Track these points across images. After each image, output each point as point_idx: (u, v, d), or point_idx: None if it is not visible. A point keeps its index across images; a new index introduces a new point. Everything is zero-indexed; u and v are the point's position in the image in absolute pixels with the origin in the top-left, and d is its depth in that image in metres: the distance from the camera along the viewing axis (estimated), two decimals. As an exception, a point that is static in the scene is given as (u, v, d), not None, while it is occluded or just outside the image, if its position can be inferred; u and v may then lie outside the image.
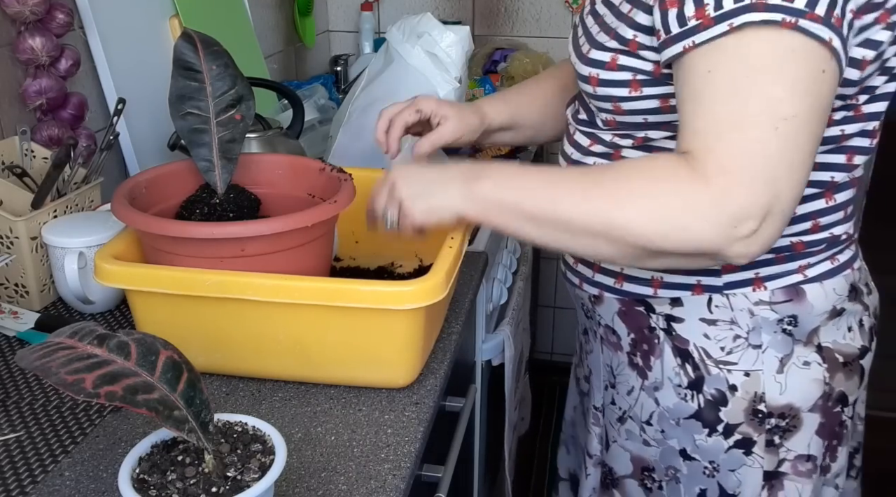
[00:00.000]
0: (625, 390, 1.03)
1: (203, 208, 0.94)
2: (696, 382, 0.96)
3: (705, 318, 0.94)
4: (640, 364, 1.00)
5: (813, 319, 0.94)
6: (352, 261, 1.15)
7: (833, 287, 0.94)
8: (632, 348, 1.00)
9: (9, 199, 1.08)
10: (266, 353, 0.89)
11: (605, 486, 1.11)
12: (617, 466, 1.07)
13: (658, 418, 1.00)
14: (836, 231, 0.93)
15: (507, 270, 1.44)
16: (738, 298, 0.93)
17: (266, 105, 1.63)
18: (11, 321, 1.03)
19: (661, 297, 0.96)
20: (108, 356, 0.63)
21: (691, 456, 0.99)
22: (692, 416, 0.97)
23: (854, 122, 0.87)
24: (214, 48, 0.96)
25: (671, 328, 0.96)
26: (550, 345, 2.68)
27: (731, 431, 0.96)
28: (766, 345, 0.94)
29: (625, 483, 1.07)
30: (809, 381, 0.95)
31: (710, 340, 0.94)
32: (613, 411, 1.06)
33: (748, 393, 0.94)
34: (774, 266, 0.92)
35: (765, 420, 0.95)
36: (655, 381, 0.99)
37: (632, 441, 1.04)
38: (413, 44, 1.32)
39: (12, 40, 1.16)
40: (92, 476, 0.77)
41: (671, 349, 0.96)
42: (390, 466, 0.78)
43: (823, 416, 0.97)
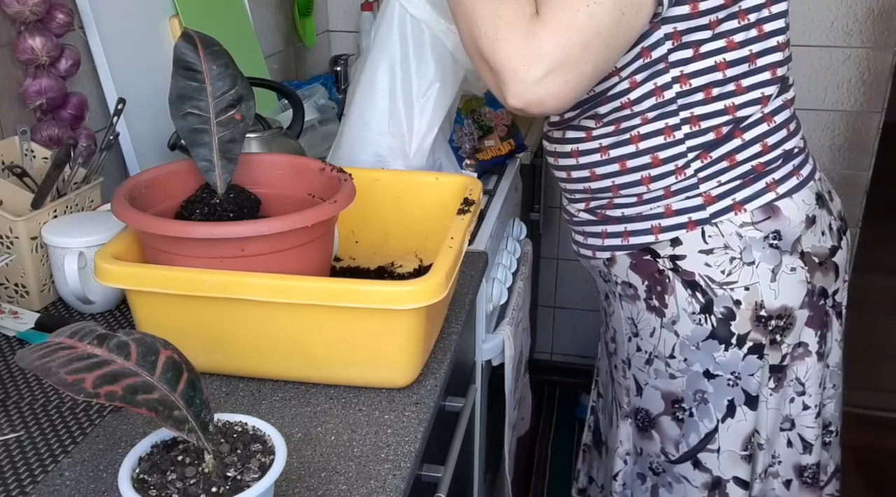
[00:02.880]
0: (647, 334, 1.17)
1: (203, 208, 0.94)
2: (707, 306, 1.10)
3: (703, 249, 1.09)
4: (656, 305, 1.14)
5: (794, 230, 1.09)
6: (352, 261, 1.15)
7: (802, 199, 1.10)
8: (647, 294, 1.14)
9: (9, 199, 1.08)
10: (266, 353, 0.89)
11: (642, 430, 1.23)
12: (651, 407, 1.20)
13: (679, 348, 1.13)
14: (786, 147, 1.09)
15: (507, 270, 1.44)
16: (725, 225, 1.08)
17: (266, 105, 1.63)
18: (11, 321, 1.03)
19: (662, 241, 1.10)
20: (108, 356, 0.63)
21: (714, 374, 1.13)
22: (709, 337, 1.11)
23: (759, 41, 1.03)
24: (214, 48, 0.96)
25: (677, 266, 1.11)
26: (550, 345, 2.68)
27: (743, 341, 1.11)
28: (758, 260, 1.08)
29: (660, 421, 1.19)
30: (796, 283, 1.11)
31: (712, 267, 1.09)
32: (640, 357, 1.19)
33: (750, 303, 1.09)
34: (746, 189, 1.07)
35: (767, 323, 1.11)
36: (672, 316, 1.12)
37: (660, 379, 1.17)
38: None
39: (12, 40, 1.16)
40: (92, 476, 0.77)
41: (681, 283, 1.11)
42: (390, 466, 0.78)
43: (811, 309, 1.13)
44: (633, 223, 1.12)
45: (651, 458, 1.23)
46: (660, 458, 1.22)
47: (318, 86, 1.89)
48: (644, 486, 1.27)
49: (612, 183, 1.12)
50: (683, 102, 1.03)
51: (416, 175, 1.19)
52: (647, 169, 1.08)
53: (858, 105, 2.23)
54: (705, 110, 1.04)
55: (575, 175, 1.16)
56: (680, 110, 1.04)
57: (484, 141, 1.56)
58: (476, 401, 1.36)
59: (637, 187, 1.10)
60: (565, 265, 2.57)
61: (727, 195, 1.07)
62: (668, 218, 1.10)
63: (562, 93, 0.91)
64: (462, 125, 1.53)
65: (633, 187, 1.10)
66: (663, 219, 1.10)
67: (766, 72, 1.04)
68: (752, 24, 1.02)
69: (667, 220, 1.10)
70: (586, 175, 1.14)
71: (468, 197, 1.04)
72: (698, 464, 1.19)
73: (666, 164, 1.07)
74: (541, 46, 0.89)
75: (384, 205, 1.13)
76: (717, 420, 1.15)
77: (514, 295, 1.49)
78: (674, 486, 1.22)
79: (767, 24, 1.03)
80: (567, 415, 2.55)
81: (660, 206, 1.10)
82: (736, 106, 1.04)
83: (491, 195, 1.48)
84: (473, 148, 1.53)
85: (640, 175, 1.09)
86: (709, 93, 1.03)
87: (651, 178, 1.09)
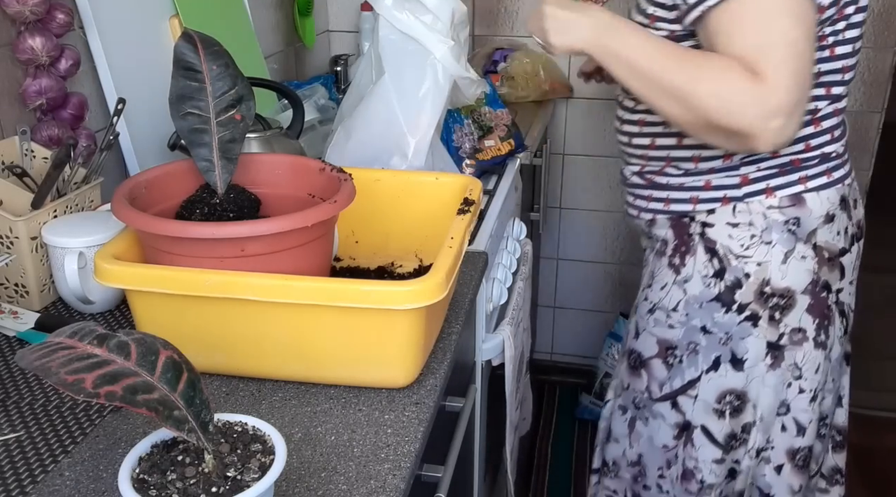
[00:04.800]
0: (659, 287, 1.31)
1: (203, 208, 0.94)
2: (720, 272, 1.24)
3: (730, 222, 1.23)
4: (676, 263, 1.28)
5: (812, 221, 1.21)
6: (352, 261, 1.15)
7: (827, 196, 1.22)
8: (672, 253, 1.29)
9: (9, 199, 1.08)
10: (266, 353, 0.89)
11: (632, 369, 1.37)
12: (644, 350, 1.34)
13: (684, 305, 1.27)
14: (826, 150, 1.21)
15: (507, 270, 1.44)
16: (754, 204, 1.21)
17: (266, 105, 1.63)
18: (11, 321, 1.03)
19: (699, 210, 1.25)
20: (108, 356, 0.63)
21: (710, 330, 1.26)
22: (714, 299, 1.25)
23: (828, 62, 1.16)
24: (214, 48, 0.96)
25: (704, 232, 1.25)
26: (550, 345, 2.68)
27: (743, 309, 1.23)
28: (775, 241, 1.21)
29: (650, 363, 1.33)
30: (804, 270, 1.22)
31: (733, 239, 1.23)
32: (645, 306, 1.34)
33: (758, 278, 1.22)
34: (780, 178, 1.20)
35: (769, 299, 1.23)
36: (686, 275, 1.27)
37: (658, 327, 1.31)
38: (401, 10, 1.33)
39: (12, 40, 1.16)
40: (92, 476, 0.77)
41: (703, 248, 1.25)
42: (390, 466, 0.78)
43: (812, 298, 1.24)
44: (675, 192, 1.27)
45: (635, 394, 1.37)
46: (643, 395, 1.35)
47: (318, 86, 1.89)
48: (623, 417, 1.40)
49: (667, 155, 1.26)
50: None
51: (416, 175, 1.19)
52: (699, 149, 1.22)
53: (859, 105, 2.23)
54: None
55: (636, 141, 1.29)
56: None
57: (484, 141, 1.56)
58: (476, 401, 1.36)
59: (687, 163, 1.24)
60: (565, 265, 2.57)
61: (762, 180, 1.21)
62: (707, 192, 1.23)
63: (799, 126, 1.05)
64: (462, 125, 1.53)
65: (684, 162, 1.25)
66: (702, 192, 1.24)
67: (823, 88, 1.17)
68: (827, 45, 1.14)
69: (705, 193, 1.24)
70: (646, 143, 1.28)
71: (468, 197, 1.04)
72: (675, 405, 1.31)
73: (717, 149, 1.20)
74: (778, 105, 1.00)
75: (384, 205, 1.13)
76: (702, 371, 1.27)
77: (514, 295, 1.49)
78: (649, 421, 1.35)
79: (840, 48, 1.15)
80: (567, 415, 2.55)
81: (700, 181, 1.24)
82: None
83: (491, 195, 1.48)
84: (473, 148, 1.53)
85: (693, 153, 1.23)
86: None
87: (701, 158, 1.23)
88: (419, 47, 1.33)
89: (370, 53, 1.42)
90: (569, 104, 2.35)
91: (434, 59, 1.33)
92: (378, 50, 1.36)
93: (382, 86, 1.35)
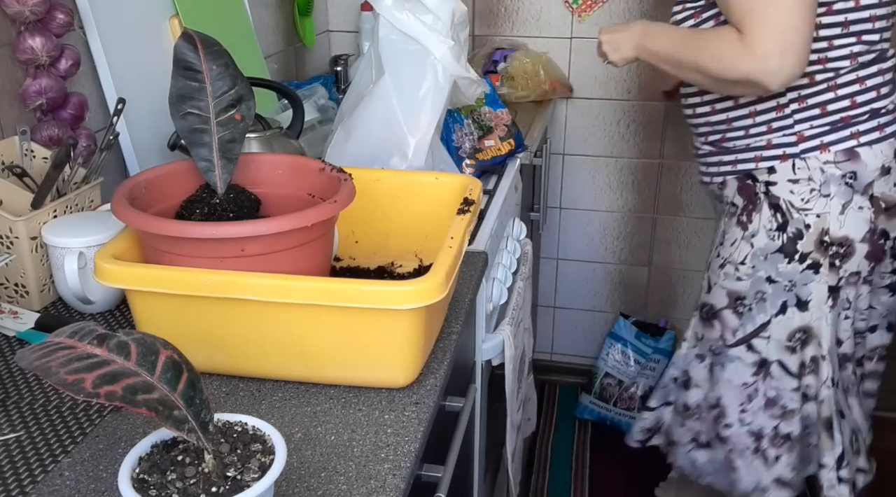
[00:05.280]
0: (729, 243, 1.50)
1: (203, 208, 0.94)
2: (783, 225, 1.42)
3: (791, 178, 1.40)
4: (744, 220, 1.47)
5: (868, 175, 1.37)
6: (352, 261, 1.15)
7: (881, 150, 1.38)
8: (741, 211, 1.48)
9: (9, 199, 1.08)
10: (266, 353, 0.89)
11: (705, 320, 1.57)
12: (716, 302, 1.54)
13: (751, 257, 1.46)
14: (874, 106, 1.38)
15: (507, 270, 1.44)
16: (811, 161, 1.38)
17: (266, 105, 1.63)
18: (11, 321, 1.03)
19: (761, 168, 1.43)
20: (108, 356, 0.63)
21: (775, 280, 1.45)
22: (777, 251, 1.43)
23: (854, 11, 1.32)
24: (214, 48, 0.96)
25: (768, 190, 1.43)
26: (550, 345, 2.68)
27: (804, 258, 1.42)
28: (833, 194, 1.37)
29: (722, 313, 1.53)
30: (861, 220, 1.39)
31: (794, 194, 1.40)
32: (717, 262, 1.53)
33: (818, 229, 1.39)
34: (833, 134, 1.37)
35: (828, 248, 1.40)
36: (753, 230, 1.45)
37: (728, 280, 1.50)
38: (401, 10, 1.33)
39: (12, 40, 1.16)
40: (92, 476, 0.77)
41: (767, 205, 1.43)
42: (390, 466, 0.78)
43: (870, 245, 1.41)
44: (741, 153, 1.46)
45: (710, 343, 1.57)
46: (718, 343, 1.55)
47: (318, 86, 1.89)
48: (702, 364, 1.61)
49: (727, 117, 1.46)
50: None
51: (416, 175, 1.19)
52: (754, 104, 1.42)
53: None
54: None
55: (699, 110, 1.51)
56: None
57: (484, 141, 1.56)
58: (476, 401, 1.36)
59: (745, 120, 1.44)
60: (565, 265, 2.57)
61: (817, 137, 1.37)
62: (768, 150, 1.42)
63: (798, 60, 1.25)
64: (462, 125, 1.53)
65: (743, 120, 1.44)
66: (764, 150, 1.42)
67: (853, 37, 1.34)
68: None
69: (767, 151, 1.42)
70: (707, 110, 1.49)
71: (468, 197, 1.04)
72: (751, 347, 1.51)
73: (768, 101, 1.40)
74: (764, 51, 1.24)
75: (384, 205, 1.13)
76: (771, 315, 1.47)
77: (514, 295, 1.49)
78: (726, 366, 1.54)
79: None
80: (567, 415, 2.55)
81: (762, 141, 1.42)
82: (828, 58, 1.34)
83: (491, 195, 1.48)
84: (473, 148, 1.53)
85: (749, 109, 1.43)
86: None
87: (756, 112, 1.42)
88: (419, 47, 1.33)
89: (370, 53, 1.43)
90: (569, 104, 2.35)
91: (434, 59, 1.33)
92: (378, 50, 1.36)
93: (382, 86, 1.35)
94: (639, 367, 2.43)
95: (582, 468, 2.32)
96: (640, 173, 2.39)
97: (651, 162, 2.37)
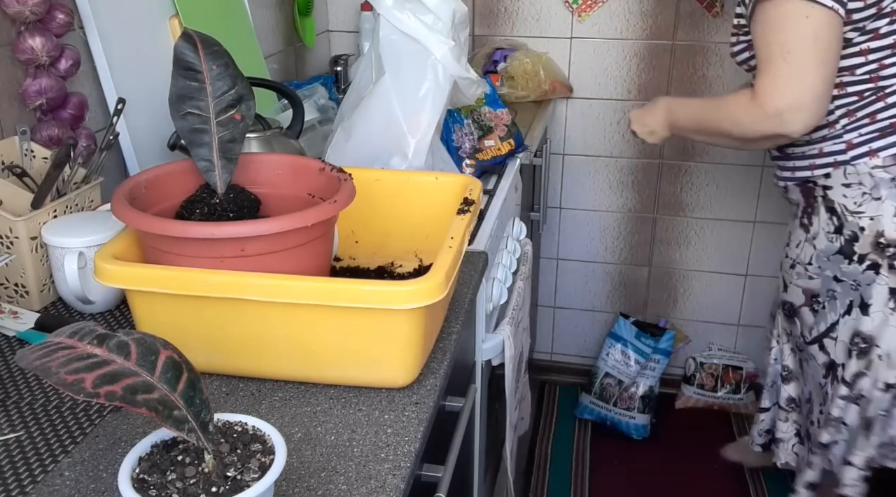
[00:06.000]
0: (794, 244, 1.57)
1: (203, 208, 0.94)
2: (839, 228, 1.47)
3: (844, 183, 1.45)
4: (805, 223, 1.53)
5: None
6: (352, 261, 1.15)
7: None
8: (802, 214, 1.55)
9: (9, 199, 1.08)
10: (266, 353, 0.89)
11: (788, 317, 1.64)
12: (794, 300, 1.60)
13: (816, 258, 1.52)
14: None
15: (507, 270, 1.44)
16: (861, 166, 1.43)
17: (266, 105, 1.63)
18: (11, 321, 1.03)
19: (818, 174, 1.49)
20: (108, 356, 0.63)
21: (841, 279, 1.49)
22: (837, 252, 1.48)
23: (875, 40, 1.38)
24: (214, 48, 0.96)
25: (825, 194, 1.49)
26: (550, 345, 2.68)
27: (863, 259, 1.45)
28: (884, 197, 1.42)
29: (800, 310, 1.59)
30: None
31: (847, 198, 1.45)
32: (787, 262, 1.60)
33: (872, 232, 1.43)
34: (881, 140, 1.41)
35: (885, 249, 1.43)
36: (814, 233, 1.51)
37: (801, 279, 1.56)
38: (402, 10, 1.33)
39: (12, 40, 1.16)
40: (92, 476, 0.77)
41: (824, 209, 1.49)
42: (390, 466, 0.78)
43: None
44: (798, 161, 1.52)
45: (796, 338, 1.64)
46: (800, 340, 1.61)
47: (318, 86, 1.89)
48: (795, 357, 1.67)
49: None
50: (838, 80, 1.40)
51: (416, 175, 1.19)
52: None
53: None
54: (851, 79, 1.40)
55: None
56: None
57: (484, 141, 1.56)
58: (476, 401, 1.36)
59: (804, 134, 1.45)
60: (565, 265, 2.57)
61: (865, 144, 1.42)
62: (821, 158, 1.47)
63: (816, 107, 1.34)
64: (462, 125, 1.53)
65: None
66: (817, 158, 1.48)
67: (875, 63, 1.38)
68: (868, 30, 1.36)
69: (820, 159, 1.48)
70: None
71: (468, 197, 1.04)
72: (822, 347, 1.56)
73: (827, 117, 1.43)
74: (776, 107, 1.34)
75: (384, 205, 1.13)
76: (840, 314, 1.51)
77: (514, 295, 1.49)
78: (808, 362, 1.61)
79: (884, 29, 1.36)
80: (567, 415, 2.55)
81: (814, 149, 1.47)
82: (879, 77, 1.40)
83: (491, 195, 1.48)
84: (473, 148, 1.53)
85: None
86: (853, 72, 1.40)
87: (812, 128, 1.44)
88: (419, 47, 1.33)
89: (370, 53, 1.43)
90: (569, 104, 2.35)
91: (434, 60, 1.33)
92: (378, 50, 1.36)
93: (382, 86, 1.35)
94: (639, 367, 2.43)
95: (582, 468, 2.32)
96: (640, 173, 2.39)
97: (651, 162, 2.38)
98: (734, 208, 2.37)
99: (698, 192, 2.37)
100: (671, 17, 2.20)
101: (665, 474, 2.28)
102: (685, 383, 2.54)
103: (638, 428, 2.41)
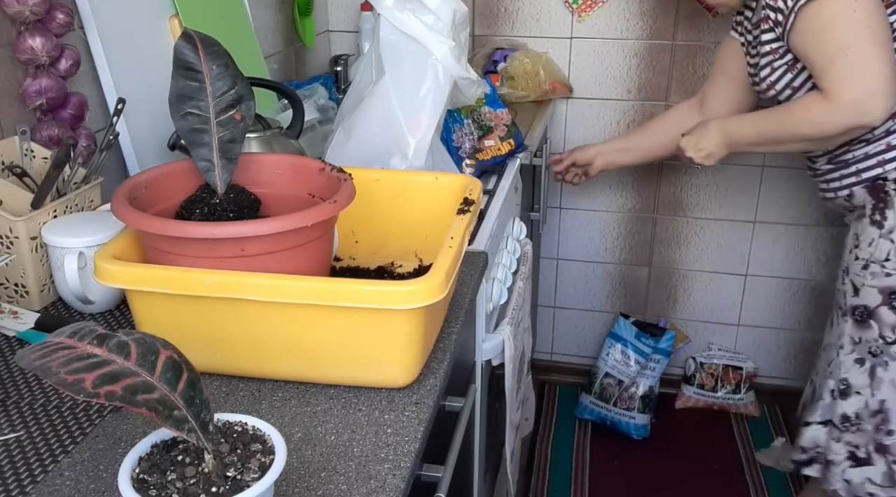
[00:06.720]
0: (866, 244, 1.54)
1: (203, 208, 0.94)
2: None
3: None
4: (878, 219, 1.52)
5: None
6: (352, 261, 1.15)
7: None
8: (872, 211, 1.53)
9: (9, 199, 1.08)
10: (266, 353, 0.89)
11: (860, 322, 1.57)
12: (868, 302, 1.55)
13: (894, 253, 1.50)
14: None
15: (507, 270, 1.44)
16: None
17: (266, 105, 1.63)
18: (11, 321, 1.03)
19: (889, 169, 1.50)
20: (108, 356, 0.63)
21: None
22: None
23: None
24: (214, 48, 0.96)
25: None
26: (550, 345, 2.68)
27: None
28: None
29: (877, 312, 1.54)
30: None
31: None
32: (858, 264, 1.55)
33: None
34: None
35: None
36: (890, 227, 1.50)
37: (877, 278, 1.52)
38: (402, 10, 1.33)
39: (12, 40, 1.16)
40: (92, 476, 0.77)
41: None
42: (390, 466, 0.78)
43: None
44: (862, 162, 1.52)
45: (869, 344, 1.56)
46: (878, 342, 1.55)
47: (318, 86, 1.89)
48: (862, 368, 1.58)
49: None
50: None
51: (416, 175, 1.19)
52: None
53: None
54: None
55: None
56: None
57: (484, 141, 1.56)
58: (476, 401, 1.36)
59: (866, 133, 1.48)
60: (565, 265, 2.57)
61: None
62: (890, 152, 1.48)
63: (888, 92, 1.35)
64: (462, 125, 1.53)
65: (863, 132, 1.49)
66: (886, 153, 1.49)
67: None
68: None
69: (889, 153, 1.49)
70: None
71: (468, 197, 1.04)
72: None
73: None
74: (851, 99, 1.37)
75: (384, 205, 1.13)
76: None
77: (514, 295, 1.49)
78: (889, 365, 1.54)
79: None
80: (567, 415, 2.55)
81: (881, 144, 1.49)
82: None
83: (491, 195, 1.48)
84: (473, 148, 1.53)
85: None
86: None
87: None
88: (420, 47, 1.33)
89: (370, 53, 1.42)
90: (569, 104, 2.35)
91: (434, 60, 1.33)
92: (378, 50, 1.36)
93: (382, 86, 1.35)
94: (639, 367, 2.43)
95: (582, 468, 2.32)
96: (640, 173, 2.39)
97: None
98: (734, 208, 2.37)
99: (698, 192, 2.37)
100: (671, 17, 2.20)
101: (665, 474, 2.28)
102: (685, 383, 2.54)
103: (638, 428, 2.41)
